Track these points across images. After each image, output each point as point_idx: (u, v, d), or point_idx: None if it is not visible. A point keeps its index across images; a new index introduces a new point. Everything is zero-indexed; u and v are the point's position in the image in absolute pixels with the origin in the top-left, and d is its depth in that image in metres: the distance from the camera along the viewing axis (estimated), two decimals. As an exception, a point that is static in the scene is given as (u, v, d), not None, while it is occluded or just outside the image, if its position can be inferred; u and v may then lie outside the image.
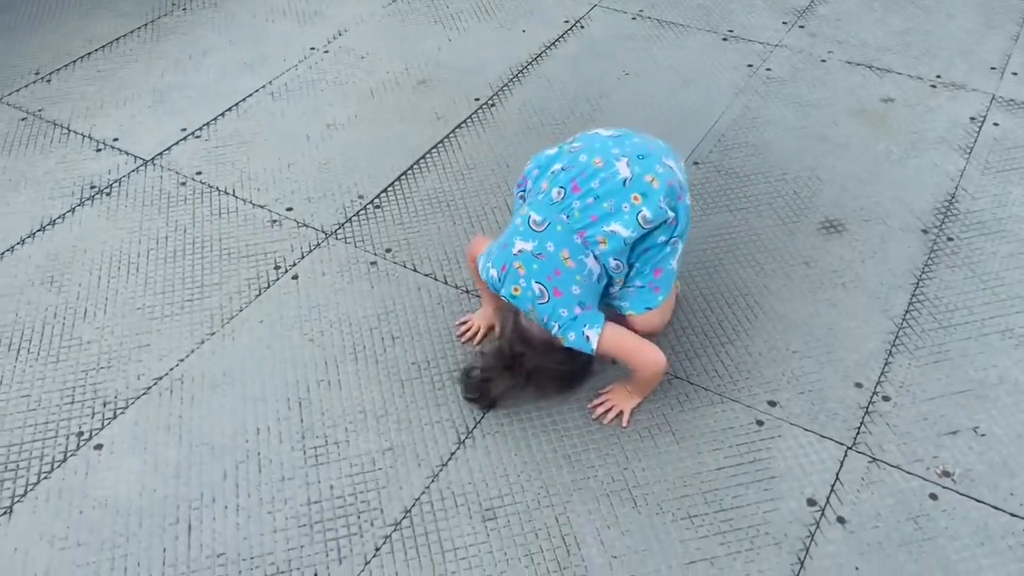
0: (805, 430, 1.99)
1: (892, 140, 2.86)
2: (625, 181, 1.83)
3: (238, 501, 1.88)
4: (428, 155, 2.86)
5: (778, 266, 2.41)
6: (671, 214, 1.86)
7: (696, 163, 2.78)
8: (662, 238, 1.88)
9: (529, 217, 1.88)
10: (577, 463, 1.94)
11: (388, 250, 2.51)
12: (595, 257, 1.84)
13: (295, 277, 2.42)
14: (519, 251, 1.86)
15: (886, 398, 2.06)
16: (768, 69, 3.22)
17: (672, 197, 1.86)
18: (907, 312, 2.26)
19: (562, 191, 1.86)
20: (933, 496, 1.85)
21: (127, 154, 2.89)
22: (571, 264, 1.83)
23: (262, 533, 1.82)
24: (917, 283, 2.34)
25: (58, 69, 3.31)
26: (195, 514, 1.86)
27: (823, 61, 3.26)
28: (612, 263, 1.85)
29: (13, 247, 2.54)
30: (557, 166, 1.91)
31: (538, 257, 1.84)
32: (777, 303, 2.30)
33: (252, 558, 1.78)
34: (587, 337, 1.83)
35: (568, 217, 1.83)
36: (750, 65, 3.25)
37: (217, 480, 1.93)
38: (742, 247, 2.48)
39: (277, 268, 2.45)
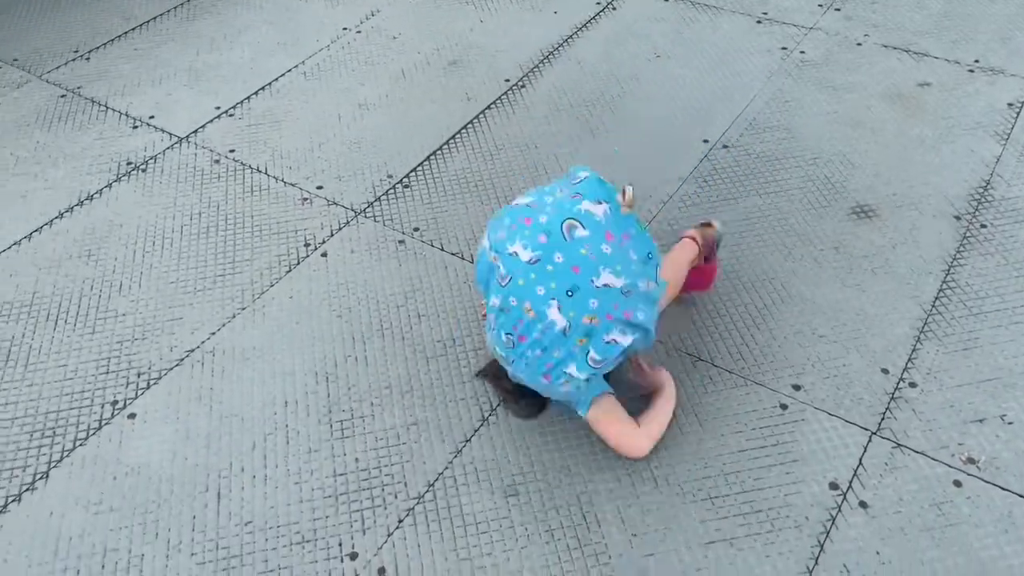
0: (829, 414, 1.99)
1: (927, 125, 2.81)
2: (564, 331, 1.71)
3: (266, 471, 1.93)
4: (457, 136, 2.87)
5: (807, 251, 2.40)
6: (628, 338, 1.75)
7: (726, 146, 2.77)
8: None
9: (498, 344, 1.82)
10: (600, 442, 1.95)
11: (416, 229, 2.53)
12: (566, 382, 1.78)
13: (324, 254, 2.46)
14: (502, 358, 1.85)
15: (913, 384, 2.04)
16: (802, 52, 3.18)
17: (621, 323, 1.73)
18: (937, 299, 2.24)
19: (510, 338, 1.77)
20: (957, 483, 1.84)
21: (162, 131, 2.94)
22: (546, 382, 1.79)
23: (289, 503, 1.86)
24: (948, 270, 2.32)
25: (96, 47, 3.37)
26: (224, 483, 1.91)
27: (859, 45, 3.21)
28: (584, 377, 1.77)
29: (52, 221, 2.60)
30: (495, 300, 1.78)
31: (520, 373, 1.82)
32: (805, 287, 2.29)
33: (279, 527, 1.82)
34: (579, 414, 1.88)
35: (526, 364, 1.77)
36: (784, 48, 3.21)
37: (246, 450, 1.97)
38: (771, 231, 2.46)
39: (307, 245, 2.49)
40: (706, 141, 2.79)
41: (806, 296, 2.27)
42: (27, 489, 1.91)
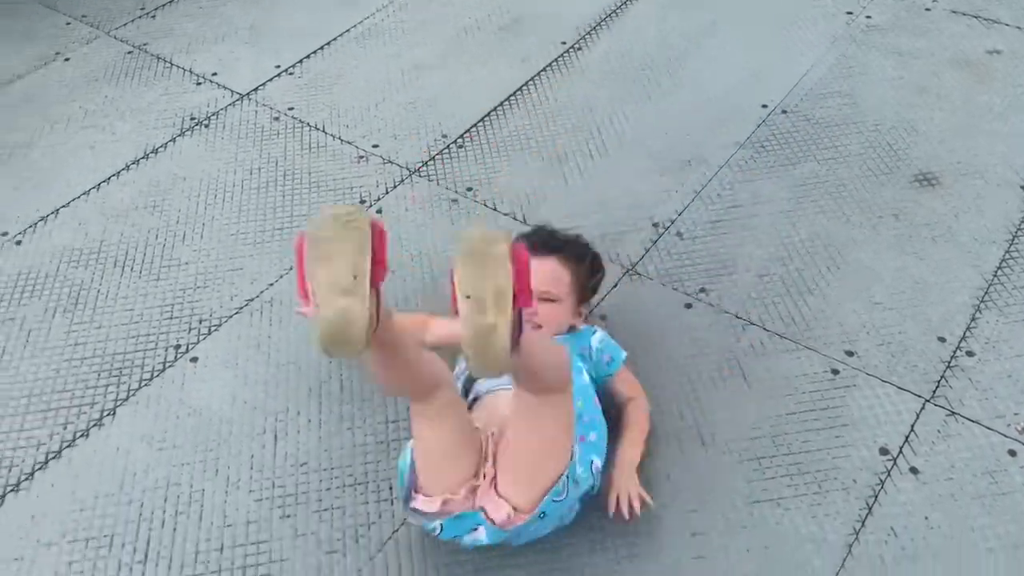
0: (882, 381, 1.97)
1: (996, 93, 2.73)
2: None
3: (320, 416, 1.98)
4: (512, 97, 2.88)
5: (865, 218, 2.36)
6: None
7: (785, 111, 2.72)
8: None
9: None
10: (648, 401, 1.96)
11: (469, 189, 2.55)
12: None
13: (379, 212, 2.50)
14: None
15: (970, 353, 2.01)
16: (868, 17, 3.10)
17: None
18: (999, 268, 2.19)
19: None
20: (1012, 452, 1.81)
21: (225, 88, 3.00)
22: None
23: (342, 447, 1.92)
24: (1012, 239, 2.26)
25: (162, 5, 3.44)
26: (280, 426, 1.97)
27: (927, 10, 3.12)
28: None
29: (119, 172, 2.68)
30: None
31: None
32: (862, 254, 2.26)
33: (332, 468, 1.88)
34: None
35: None
36: (849, 12, 3.13)
37: (302, 396, 2.03)
38: (828, 197, 2.43)
39: (362, 202, 2.53)
40: (765, 106, 2.75)
41: (863, 263, 2.24)
42: (95, 425, 2.00)
